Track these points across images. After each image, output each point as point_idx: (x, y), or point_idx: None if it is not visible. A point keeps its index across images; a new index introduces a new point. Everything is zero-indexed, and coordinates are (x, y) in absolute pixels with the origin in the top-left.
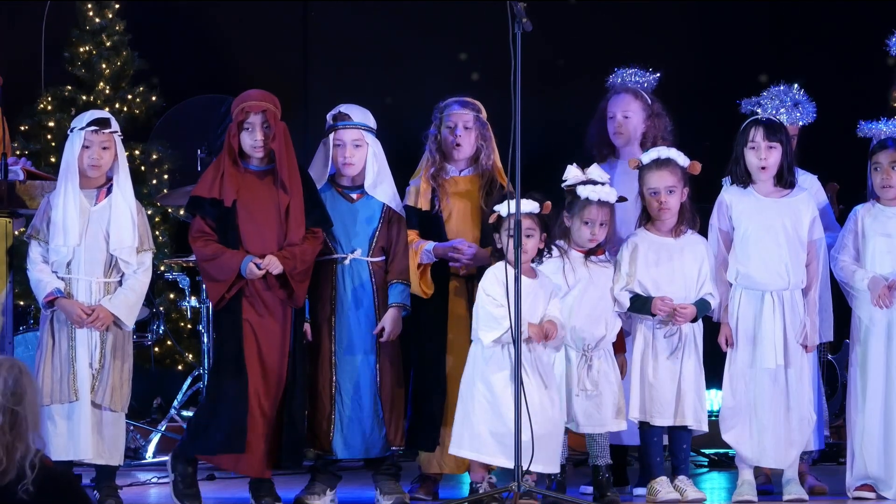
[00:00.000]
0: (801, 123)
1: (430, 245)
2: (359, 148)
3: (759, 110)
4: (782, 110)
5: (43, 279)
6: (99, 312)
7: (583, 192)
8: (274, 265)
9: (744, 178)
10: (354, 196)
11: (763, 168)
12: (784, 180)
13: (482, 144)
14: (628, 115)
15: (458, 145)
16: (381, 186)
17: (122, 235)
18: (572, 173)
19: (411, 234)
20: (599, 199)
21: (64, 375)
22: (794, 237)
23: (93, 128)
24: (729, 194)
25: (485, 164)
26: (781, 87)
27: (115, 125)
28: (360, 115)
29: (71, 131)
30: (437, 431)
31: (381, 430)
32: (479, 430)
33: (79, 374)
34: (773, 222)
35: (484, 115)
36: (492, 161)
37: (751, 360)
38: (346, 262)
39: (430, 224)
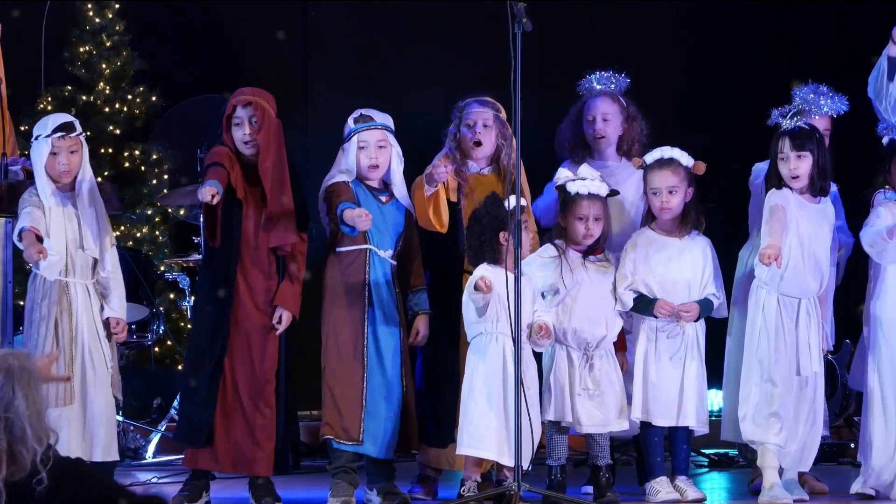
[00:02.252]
0: (840, 112)
1: (424, 179)
2: (383, 149)
3: (783, 121)
4: (821, 100)
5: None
6: (121, 326)
7: (572, 187)
8: (286, 320)
9: (781, 187)
10: (383, 199)
11: (794, 178)
12: (816, 187)
13: (502, 143)
14: (608, 118)
15: (477, 143)
16: (402, 190)
17: (93, 236)
18: (563, 173)
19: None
20: (590, 193)
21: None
22: (823, 244)
23: (59, 133)
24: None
25: (505, 163)
26: (807, 86)
27: (79, 127)
28: (382, 117)
29: (35, 139)
30: (450, 427)
31: (399, 431)
32: (478, 428)
33: (78, 376)
34: (806, 230)
35: (503, 114)
36: (512, 160)
37: (786, 363)
38: (383, 254)
39: (452, 216)
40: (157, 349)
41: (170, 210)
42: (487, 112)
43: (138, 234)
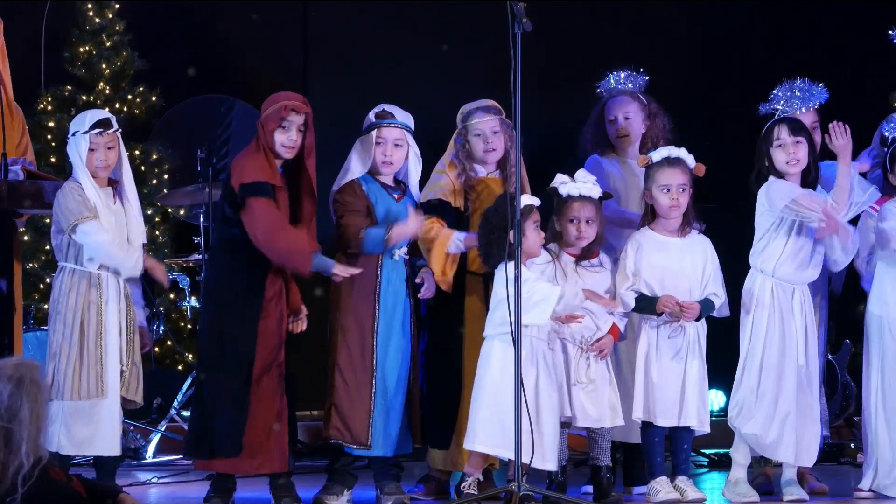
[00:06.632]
0: (817, 104)
1: (461, 235)
2: (399, 148)
3: (779, 106)
4: (797, 94)
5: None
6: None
7: (564, 189)
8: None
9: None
10: (396, 196)
11: (792, 163)
12: (811, 177)
13: (509, 145)
14: (629, 116)
15: (492, 150)
16: (416, 189)
17: (138, 232)
18: (559, 180)
19: (434, 223)
20: (581, 195)
21: (92, 372)
22: (811, 233)
23: (97, 130)
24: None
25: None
26: (785, 83)
27: (115, 124)
28: (403, 115)
29: (73, 135)
30: (452, 428)
31: (408, 428)
32: (491, 424)
33: (109, 370)
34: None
35: (504, 114)
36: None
37: (780, 353)
38: (395, 257)
39: (460, 223)
40: (157, 349)
41: (170, 210)
42: (494, 119)
43: None
